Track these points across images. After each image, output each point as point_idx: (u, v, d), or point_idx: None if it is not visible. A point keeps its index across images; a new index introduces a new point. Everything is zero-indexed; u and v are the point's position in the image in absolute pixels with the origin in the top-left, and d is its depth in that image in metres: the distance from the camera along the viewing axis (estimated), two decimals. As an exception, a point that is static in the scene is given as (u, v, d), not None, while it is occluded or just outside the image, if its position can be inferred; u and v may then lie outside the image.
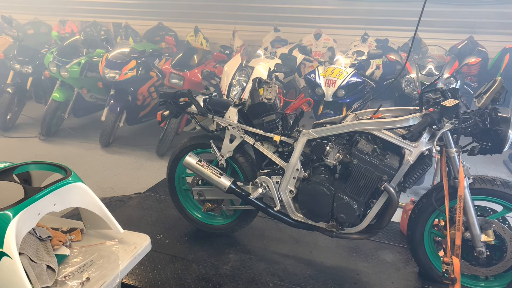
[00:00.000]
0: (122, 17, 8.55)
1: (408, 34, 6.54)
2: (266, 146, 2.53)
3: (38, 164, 1.96)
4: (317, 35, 6.99)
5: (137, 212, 3.26)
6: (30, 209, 1.58)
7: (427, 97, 2.12)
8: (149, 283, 2.39)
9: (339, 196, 2.25)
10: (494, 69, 5.60)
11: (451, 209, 2.19)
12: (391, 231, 3.00)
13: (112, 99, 4.89)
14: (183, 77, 4.98)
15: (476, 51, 5.81)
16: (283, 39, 7.25)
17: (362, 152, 2.16)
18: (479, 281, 2.33)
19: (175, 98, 2.64)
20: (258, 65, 4.74)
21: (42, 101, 5.90)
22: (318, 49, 6.85)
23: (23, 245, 1.64)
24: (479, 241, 2.15)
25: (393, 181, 2.15)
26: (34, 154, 4.87)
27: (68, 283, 1.65)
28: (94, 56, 5.17)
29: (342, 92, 4.17)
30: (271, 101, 2.47)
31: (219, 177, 2.54)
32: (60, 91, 5.16)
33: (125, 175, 4.34)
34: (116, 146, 5.19)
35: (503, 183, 2.13)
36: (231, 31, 7.63)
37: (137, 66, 4.90)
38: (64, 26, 8.55)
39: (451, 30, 6.42)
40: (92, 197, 1.88)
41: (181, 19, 8.09)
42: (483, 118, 2.08)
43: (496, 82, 2.13)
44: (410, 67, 4.53)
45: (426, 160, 2.14)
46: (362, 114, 2.41)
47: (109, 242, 1.96)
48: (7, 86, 5.54)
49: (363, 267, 2.59)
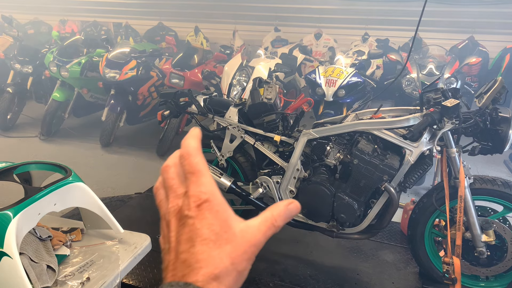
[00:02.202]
0: (123, 17, 8.55)
1: (408, 34, 6.53)
2: (267, 146, 2.52)
3: (38, 164, 1.96)
4: (317, 35, 6.98)
5: (137, 212, 3.26)
6: (30, 209, 1.58)
7: (428, 97, 2.12)
8: (149, 283, 2.39)
9: (339, 196, 2.25)
10: (494, 69, 5.59)
11: (452, 209, 2.19)
12: (392, 231, 3.00)
13: (112, 99, 4.89)
14: (183, 77, 4.97)
15: (477, 51, 5.80)
16: (283, 39, 7.25)
17: (363, 152, 2.15)
18: (479, 281, 2.32)
19: (175, 98, 2.64)
20: (258, 65, 4.74)
21: (42, 101, 5.90)
22: (319, 49, 6.84)
23: (23, 245, 1.64)
24: (480, 241, 2.15)
25: (393, 181, 2.15)
26: (34, 154, 4.87)
27: (68, 283, 1.65)
28: (95, 56, 5.17)
29: (343, 92, 4.16)
30: (271, 101, 2.47)
31: (219, 177, 2.53)
32: (61, 91, 5.16)
33: (125, 175, 4.34)
34: (116, 146, 5.19)
35: (503, 183, 2.13)
36: (231, 31, 7.62)
37: (138, 66, 4.90)
38: (64, 26, 8.55)
39: (451, 30, 6.42)
40: (92, 197, 1.88)
41: (181, 19, 8.09)
42: (483, 118, 2.07)
43: (497, 82, 2.13)
44: (411, 67, 4.52)
45: (426, 160, 2.14)
46: (362, 114, 2.41)
47: (109, 242, 1.95)
48: (8, 86, 5.54)
49: (363, 267, 2.59)
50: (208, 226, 0.40)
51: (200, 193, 0.42)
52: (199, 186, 0.42)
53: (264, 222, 0.43)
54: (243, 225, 0.42)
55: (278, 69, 4.60)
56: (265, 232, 0.42)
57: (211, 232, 0.40)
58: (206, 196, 0.41)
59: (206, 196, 0.42)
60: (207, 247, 0.39)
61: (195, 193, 0.42)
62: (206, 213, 0.41)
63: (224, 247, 0.40)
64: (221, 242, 0.40)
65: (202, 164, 0.44)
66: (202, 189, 0.42)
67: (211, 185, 0.43)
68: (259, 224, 0.43)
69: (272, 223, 0.43)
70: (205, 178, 0.43)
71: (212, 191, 0.42)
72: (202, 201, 0.41)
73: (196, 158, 0.44)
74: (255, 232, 0.42)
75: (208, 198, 0.41)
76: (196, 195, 0.42)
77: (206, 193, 0.42)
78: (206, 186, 0.42)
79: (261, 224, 0.43)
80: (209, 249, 0.39)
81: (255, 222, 0.43)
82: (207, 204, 0.41)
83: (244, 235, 0.41)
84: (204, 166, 0.44)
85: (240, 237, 0.41)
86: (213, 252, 0.39)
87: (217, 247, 0.39)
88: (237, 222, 0.42)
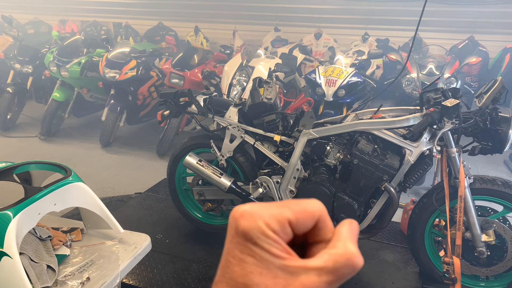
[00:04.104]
0: (123, 16, 8.54)
1: (408, 33, 6.53)
2: (267, 146, 2.52)
3: (38, 164, 1.96)
4: (317, 34, 6.98)
5: (137, 212, 3.26)
6: (30, 209, 1.58)
7: (428, 97, 2.12)
8: (149, 283, 2.39)
9: (339, 196, 2.25)
10: (494, 69, 5.59)
11: (452, 209, 2.19)
12: (392, 231, 3.00)
13: (112, 99, 4.89)
14: (183, 76, 4.97)
15: (477, 51, 5.80)
16: (283, 38, 7.24)
17: (363, 152, 2.15)
18: (479, 281, 2.32)
19: (175, 98, 2.64)
20: (258, 65, 4.74)
21: (42, 101, 5.90)
22: (319, 49, 6.84)
23: (23, 245, 1.64)
24: (480, 241, 2.15)
25: (393, 181, 2.15)
26: (34, 154, 4.87)
27: (68, 283, 1.65)
28: (94, 56, 5.16)
29: (343, 92, 4.16)
30: (271, 101, 2.47)
31: (219, 177, 2.53)
32: (60, 90, 5.16)
33: (125, 175, 4.34)
34: (116, 146, 5.18)
35: (503, 183, 2.13)
36: (231, 31, 7.62)
37: (137, 65, 4.90)
38: (64, 26, 8.54)
39: (451, 30, 6.42)
40: (92, 197, 1.88)
41: (181, 18, 8.08)
42: (483, 118, 2.07)
43: (497, 82, 2.13)
44: (411, 67, 4.52)
45: (426, 160, 2.14)
46: (362, 114, 2.41)
47: (109, 242, 1.95)
48: (7, 86, 5.54)
49: (363, 267, 2.57)
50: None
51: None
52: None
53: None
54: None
55: (278, 69, 4.60)
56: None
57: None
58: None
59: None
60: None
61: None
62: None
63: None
64: None
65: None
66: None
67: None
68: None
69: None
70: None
71: None
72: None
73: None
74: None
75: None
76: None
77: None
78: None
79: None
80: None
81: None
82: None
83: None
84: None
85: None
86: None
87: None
88: None
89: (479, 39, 6.07)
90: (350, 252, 0.34)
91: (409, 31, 6.52)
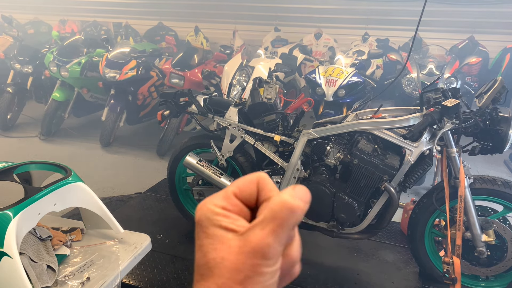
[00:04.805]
0: (123, 16, 8.54)
1: (408, 33, 6.53)
2: (267, 146, 2.52)
3: (38, 164, 1.96)
4: (317, 34, 6.98)
5: (137, 212, 3.26)
6: (30, 209, 1.58)
7: (428, 97, 2.12)
8: (149, 283, 2.39)
9: (339, 196, 2.25)
10: (494, 69, 5.59)
11: (452, 209, 2.19)
12: (392, 231, 3.00)
13: (112, 99, 4.89)
14: (183, 76, 4.97)
15: (477, 50, 5.80)
16: (283, 38, 7.24)
17: (363, 152, 2.15)
18: (479, 281, 2.32)
19: (175, 98, 2.64)
20: (258, 65, 4.74)
21: (42, 101, 5.90)
22: (319, 49, 6.84)
23: (24, 245, 1.64)
24: (480, 241, 2.15)
25: (393, 181, 2.15)
26: (34, 154, 4.87)
27: (68, 283, 1.65)
28: (95, 56, 5.17)
29: (343, 91, 4.16)
30: (271, 101, 2.47)
31: (219, 177, 2.53)
32: (61, 90, 5.16)
33: (125, 175, 4.34)
34: (116, 146, 5.18)
35: (503, 183, 2.13)
36: (231, 31, 7.62)
37: (138, 65, 4.90)
38: (64, 26, 8.54)
39: (451, 30, 6.42)
40: (92, 197, 1.88)
41: (181, 18, 8.09)
42: (483, 118, 2.07)
43: (497, 82, 2.13)
44: (411, 66, 4.52)
45: (426, 160, 2.14)
46: (362, 114, 2.41)
47: (109, 242, 1.95)
48: (7, 86, 5.54)
49: (363, 267, 2.58)
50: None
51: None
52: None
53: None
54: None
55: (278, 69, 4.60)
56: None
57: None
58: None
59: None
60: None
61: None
62: None
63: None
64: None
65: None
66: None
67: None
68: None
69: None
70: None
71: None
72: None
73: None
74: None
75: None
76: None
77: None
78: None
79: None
80: None
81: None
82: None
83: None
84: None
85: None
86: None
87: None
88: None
89: (479, 39, 6.07)
90: (283, 198, 0.35)
91: (409, 31, 6.52)
